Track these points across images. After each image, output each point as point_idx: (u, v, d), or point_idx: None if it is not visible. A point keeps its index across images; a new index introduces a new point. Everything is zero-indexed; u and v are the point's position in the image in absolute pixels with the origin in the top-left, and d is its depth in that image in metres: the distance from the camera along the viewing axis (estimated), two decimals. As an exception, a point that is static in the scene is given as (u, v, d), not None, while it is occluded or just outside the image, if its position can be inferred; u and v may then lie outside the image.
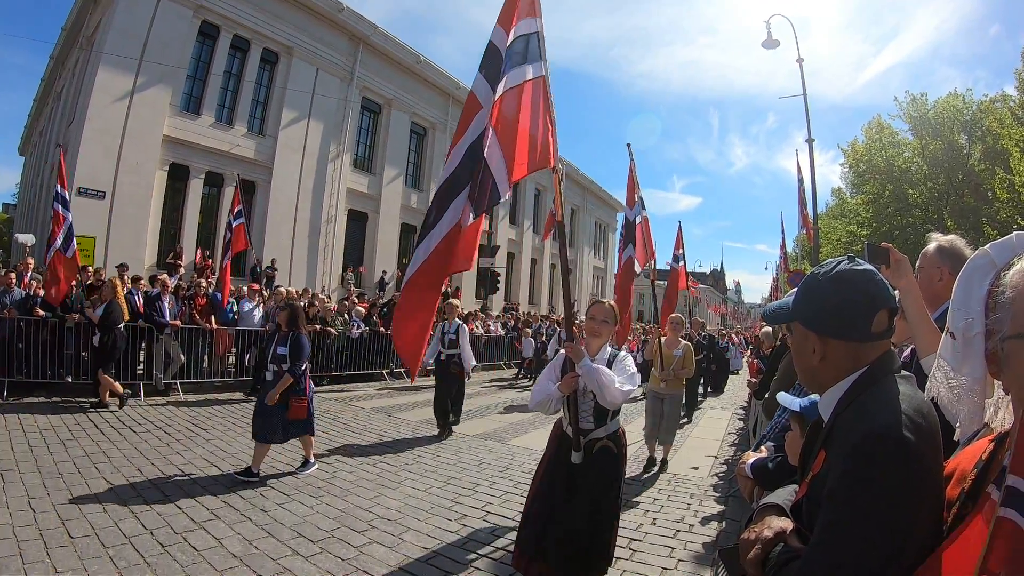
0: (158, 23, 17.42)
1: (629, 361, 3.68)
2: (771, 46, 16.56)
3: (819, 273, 1.39)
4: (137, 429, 7.51)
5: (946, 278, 2.34)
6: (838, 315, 1.33)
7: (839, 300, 1.33)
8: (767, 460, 2.35)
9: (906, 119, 25.34)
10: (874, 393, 1.25)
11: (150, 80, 17.41)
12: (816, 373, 1.39)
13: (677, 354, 7.82)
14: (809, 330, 1.37)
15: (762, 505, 1.46)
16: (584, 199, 45.07)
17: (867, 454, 1.11)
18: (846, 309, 1.32)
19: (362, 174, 25.27)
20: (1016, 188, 18.59)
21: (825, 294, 1.35)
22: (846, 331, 1.33)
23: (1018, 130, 18.87)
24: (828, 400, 1.37)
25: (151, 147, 17.71)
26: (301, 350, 6.19)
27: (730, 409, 14.10)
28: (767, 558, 1.26)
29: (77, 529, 4.30)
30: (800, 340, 1.41)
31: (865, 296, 1.32)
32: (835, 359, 1.34)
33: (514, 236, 35.96)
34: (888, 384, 1.27)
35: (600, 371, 3.42)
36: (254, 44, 20.83)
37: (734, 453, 8.67)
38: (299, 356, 6.17)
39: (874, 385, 1.28)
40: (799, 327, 1.41)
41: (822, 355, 1.35)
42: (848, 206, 29.39)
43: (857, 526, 1.08)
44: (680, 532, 5.23)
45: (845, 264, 1.38)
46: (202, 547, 4.18)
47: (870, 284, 1.33)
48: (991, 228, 19.69)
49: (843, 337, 1.33)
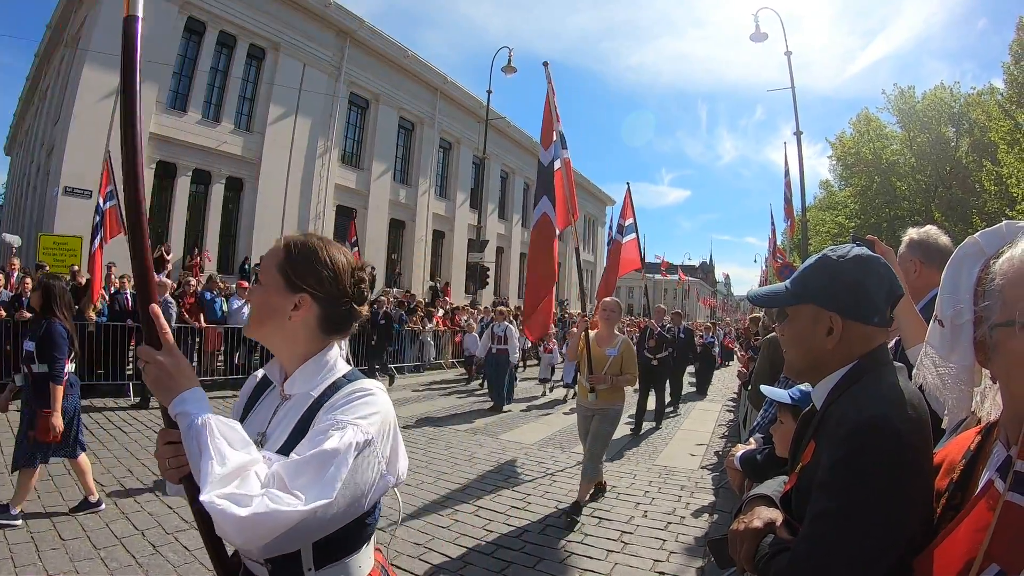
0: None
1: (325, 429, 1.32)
2: (759, 39, 16.64)
3: (835, 255, 1.35)
4: (127, 429, 7.48)
5: (920, 270, 2.36)
6: (865, 296, 1.30)
7: (866, 282, 1.30)
8: (756, 452, 2.37)
9: (894, 112, 25.51)
10: (866, 384, 1.25)
11: (136, 77, 17.24)
12: (823, 357, 1.34)
13: (611, 353, 5.66)
14: (828, 310, 1.32)
15: (751, 496, 1.45)
16: (574, 192, 44.95)
17: (859, 444, 1.11)
18: (873, 291, 1.30)
19: (350, 170, 25.14)
20: (1003, 180, 18.73)
21: (849, 275, 1.31)
22: (869, 313, 1.30)
23: (1006, 123, 18.98)
24: (820, 390, 1.36)
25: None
26: (55, 345, 4.51)
27: (720, 401, 14.16)
28: (757, 548, 1.25)
29: (68, 531, 4.28)
30: (808, 323, 1.35)
31: (888, 281, 1.31)
32: (851, 342, 1.30)
33: (503, 231, 35.94)
34: (881, 375, 1.26)
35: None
36: (240, 40, 20.65)
37: (724, 445, 8.70)
38: (53, 352, 4.49)
39: (867, 375, 1.27)
40: (810, 309, 1.36)
41: (839, 337, 1.31)
42: (836, 198, 29.55)
43: (847, 516, 1.08)
44: (671, 524, 5.25)
45: (860, 248, 1.36)
46: (194, 547, 4.15)
47: (888, 270, 1.32)
48: (979, 220, 19.84)
49: (864, 320, 1.30)
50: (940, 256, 2.53)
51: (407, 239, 28.81)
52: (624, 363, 5.64)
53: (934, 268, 2.48)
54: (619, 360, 5.61)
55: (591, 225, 49.90)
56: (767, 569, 1.19)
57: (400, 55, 26.25)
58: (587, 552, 4.55)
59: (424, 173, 29.28)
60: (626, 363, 5.64)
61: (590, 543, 4.74)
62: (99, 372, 9.58)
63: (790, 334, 1.41)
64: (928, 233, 2.58)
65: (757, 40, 16.62)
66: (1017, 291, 0.98)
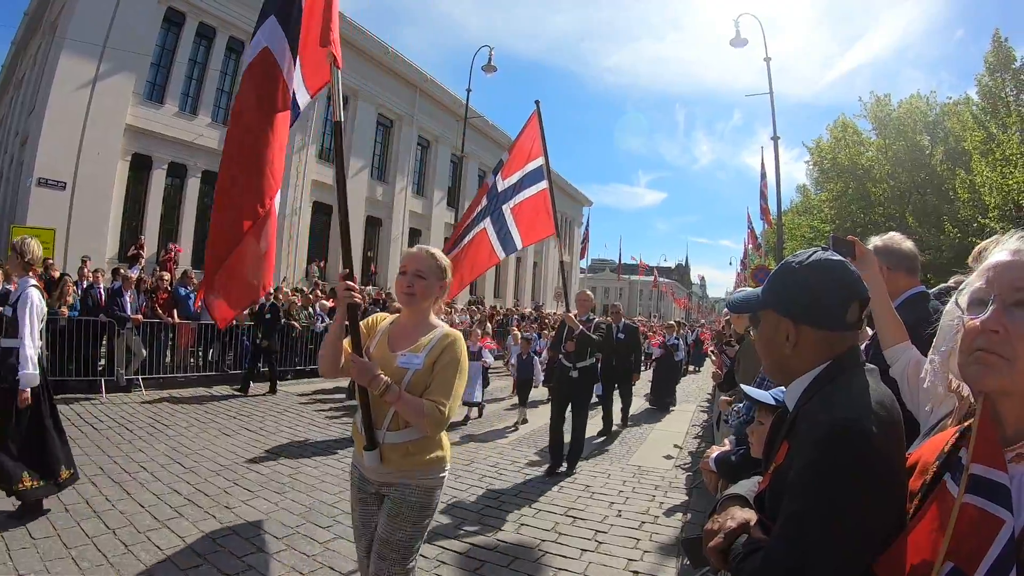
0: (122, 8, 16.95)
1: None
2: (740, 44, 16.77)
3: (794, 261, 1.38)
4: (99, 426, 7.36)
5: (886, 275, 2.41)
6: (815, 302, 1.32)
7: (816, 287, 1.33)
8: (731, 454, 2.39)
9: (870, 119, 25.82)
10: (839, 385, 1.26)
11: (113, 67, 16.94)
12: (787, 362, 1.37)
13: (407, 364, 2.51)
14: (784, 317, 1.35)
15: (726, 496, 1.46)
16: (550, 193, 45.13)
17: (831, 446, 1.12)
18: (823, 296, 1.32)
19: (327, 166, 24.87)
20: (976, 188, 19.05)
21: (802, 281, 1.34)
22: (822, 319, 1.32)
23: (979, 133, 19.34)
24: (793, 391, 1.38)
25: (113, 137, 17.24)
26: None
27: (694, 402, 14.24)
28: (731, 548, 1.26)
29: (38, 530, 4.20)
30: (771, 329, 1.39)
31: (841, 285, 1.33)
32: (808, 347, 1.33)
33: (482, 230, 35.91)
34: (853, 377, 1.28)
35: None
36: (220, 32, 20.40)
37: (698, 445, 8.77)
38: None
39: (839, 377, 1.29)
40: (771, 315, 1.39)
41: (795, 343, 1.34)
42: (812, 203, 29.87)
43: (820, 517, 1.10)
44: (645, 524, 5.28)
45: (821, 253, 1.38)
46: (166, 546, 4.11)
47: (846, 273, 1.34)
48: (951, 226, 20.18)
49: (818, 325, 1.32)
50: (905, 261, 2.60)
51: (383, 237, 28.70)
52: (436, 381, 2.48)
53: (900, 273, 2.55)
54: (425, 374, 2.49)
55: (568, 225, 50.09)
56: (741, 569, 1.20)
57: (381, 52, 26.10)
58: (561, 551, 4.56)
59: (402, 171, 29.17)
60: (438, 382, 2.47)
61: (564, 542, 4.74)
62: (70, 368, 9.40)
63: (758, 339, 1.46)
64: (892, 239, 2.64)
65: (738, 46, 16.75)
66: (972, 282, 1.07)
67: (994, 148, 18.23)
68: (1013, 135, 17.48)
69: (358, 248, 26.39)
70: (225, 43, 20.70)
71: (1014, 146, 17.29)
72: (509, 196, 6.98)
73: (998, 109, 19.03)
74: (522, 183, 7.09)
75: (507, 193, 6.98)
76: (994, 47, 19.18)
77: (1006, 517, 0.91)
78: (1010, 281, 1.01)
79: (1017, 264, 1.03)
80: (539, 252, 44.71)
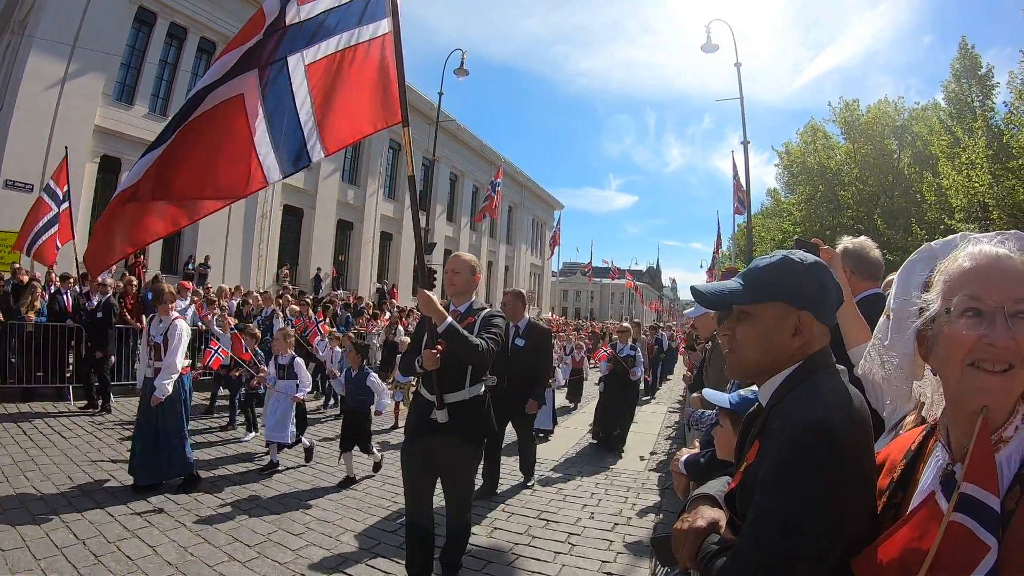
0: (93, 7, 16.76)
1: None
2: (711, 50, 16.95)
3: (796, 258, 1.40)
4: (67, 435, 7.23)
5: (848, 276, 2.48)
6: (825, 298, 1.37)
7: (828, 284, 1.38)
8: (699, 456, 2.43)
9: (839, 123, 26.29)
10: (811, 385, 1.29)
11: (83, 67, 16.73)
12: (782, 357, 1.37)
13: None
14: (798, 309, 1.35)
15: (695, 495, 1.48)
16: (522, 196, 45.49)
17: (802, 445, 1.14)
18: (829, 294, 1.37)
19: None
20: (943, 191, 19.48)
21: (813, 277, 1.37)
22: (828, 314, 1.38)
23: (946, 137, 19.78)
24: (766, 390, 1.40)
25: (82, 138, 16.94)
26: None
27: (665, 404, 14.31)
28: (700, 547, 1.28)
29: (7, 541, 4.11)
30: (772, 321, 1.37)
31: (836, 286, 1.40)
32: (813, 341, 1.36)
33: (451, 233, 36.05)
34: (823, 377, 1.31)
35: None
36: (191, 32, 20.23)
37: (670, 447, 8.82)
38: None
39: (811, 377, 1.31)
40: (775, 307, 1.37)
41: (805, 335, 1.35)
42: (782, 206, 30.33)
43: (789, 515, 1.11)
44: (618, 525, 5.31)
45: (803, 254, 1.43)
46: (136, 556, 4.05)
47: (834, 277, 1.41)
48: (919, 228, 20.60)
49: (827, 320, 1.38)
50: (870, 267, 2.69)
51: (355, 240, 28.60)
52: None
53: (863, 277, 2.64)
54: None
55: (539, 228, 50.20)
56: (710, 568, 1.21)
57: (355, 55, 25.90)
58: (535, 554, 4.57)
59: (373, 174, 29.13)
60: None
61: (538, 545, 4.76)
62: (39, 375, 9.22)
63: (750, 333, 1.40)
64: (863, 245, 2.72)
65: (708, 51, 16.92)
66: (954, 285, 1.06)
67: (960, 152, 18.64)
68: (979, 140, 17.90)
69: (329, 252, 26.33)
70: (196, 44, 20.48)
71: (979, 150, 17.71)
72: (304, 39, 3.69)
73: (964, 114, 19.47)
74: (338, 19, 3.75)
75: (301, 34, 3.69)
76: (961, 54, 19.61)
77: (992, 544, 0.91)
78: (1010, 293, 1.01)
79: (1013, 274, 1.03)
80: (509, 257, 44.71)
